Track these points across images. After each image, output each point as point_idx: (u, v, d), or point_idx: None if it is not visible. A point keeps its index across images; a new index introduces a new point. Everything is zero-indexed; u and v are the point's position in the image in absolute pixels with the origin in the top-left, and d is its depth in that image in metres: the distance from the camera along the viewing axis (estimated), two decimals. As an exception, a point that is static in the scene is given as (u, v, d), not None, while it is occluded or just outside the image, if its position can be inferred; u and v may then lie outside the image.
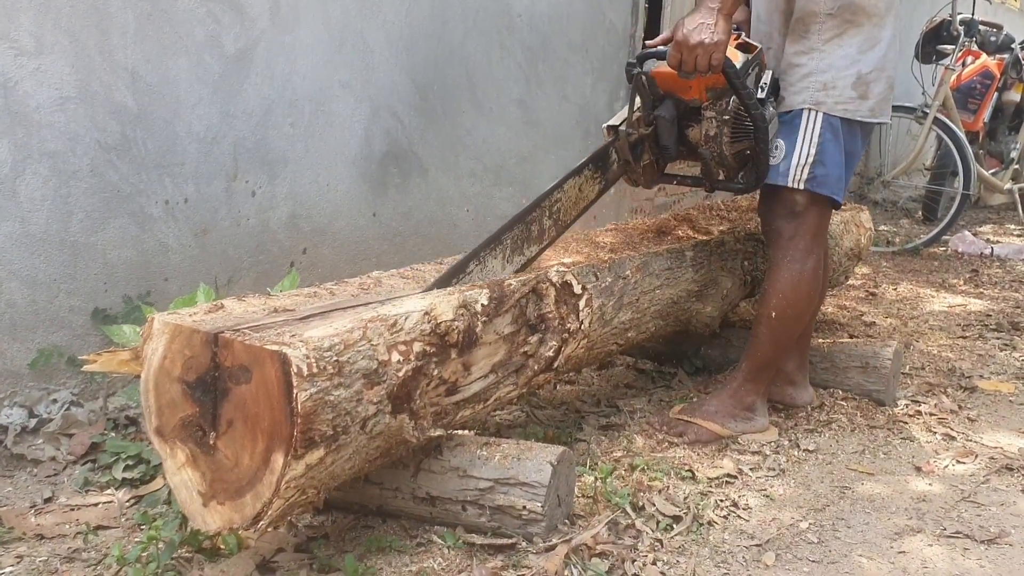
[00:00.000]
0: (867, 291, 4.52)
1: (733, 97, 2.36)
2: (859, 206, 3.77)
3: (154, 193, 2.65)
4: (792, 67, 2.44)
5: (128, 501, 2.18)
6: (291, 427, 1.55)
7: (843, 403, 2.91)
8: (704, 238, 2.91)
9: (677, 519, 2.13)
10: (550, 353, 2.26)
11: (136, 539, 1.96)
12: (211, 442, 1.65)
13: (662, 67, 2.37)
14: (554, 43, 4.14)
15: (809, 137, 2.42)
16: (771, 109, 2.41)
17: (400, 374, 1.77)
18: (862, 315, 4.04)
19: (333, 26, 3.09)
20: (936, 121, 5.60)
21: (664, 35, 2.36)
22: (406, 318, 1.81)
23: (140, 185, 2.61)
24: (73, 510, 2.14)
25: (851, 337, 3.70)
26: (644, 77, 2.39)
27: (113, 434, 2.41)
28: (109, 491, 2.23)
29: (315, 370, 1.58)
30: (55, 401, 2.48)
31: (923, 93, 5.77)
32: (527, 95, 4.02)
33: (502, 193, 3.97)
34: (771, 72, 2.43)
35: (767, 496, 2.31)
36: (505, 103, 3.92)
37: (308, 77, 3.04)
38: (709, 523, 2.15)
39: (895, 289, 4.62)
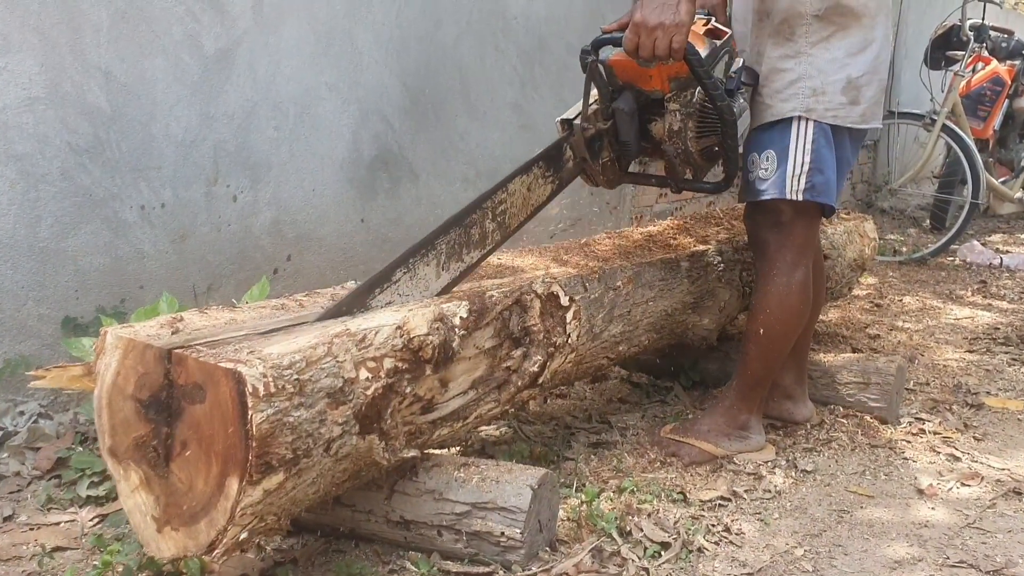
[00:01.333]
0: (872, 302, 4.40)
1: (699, 88, 2.18)
2: (863, 216, 3.66)
3: (129, 198, 2.56)
4: (777, 72, 2.30)
5: (91, 520, 2.08)
6: (246, 451, 1.45)
7: (844, 420, 2.80)
8: (701, 248, 2.81)
9: (665, 545, 2.02)
10: (535, 368, 2.16)
11: (94, 562, 1.86)
12: (165, 465, 1.55)
13: (620, 54, 2.15)
14: (551, 45, 4.04)
15: (802, 144, 2.30)
16: (741, 101, 2.24)
17: (368, 392, 1.67)
18: (866, 327, 3.93)
19: (319, 26, 3.00)
20: (945, 128, 5.48)
21: (623, 18, 2.15)
22: (376, 332, 1.71)
23: (114, 189, 2.52)
24: (32, 529, 2.04)
25: (854, 351, 3.59)
26: (600, 66, 2.19)
27: (81, 448, 2.31)
28: (72, 509, 2.13)
29: (273, 389, 1.47)
30: (22, 413, 2.39)
31: (931, 100, 5.65)
32: (522, 98, 3.93)
33: (497, 199, 3.86)
34: (742, 61, 2.26)
35: (762, 520, 2.20)
36: (500, 107, 3.82)
37: (293, 79, 2.94)
38: (699, 550, 2.04)
39: (901, 300, 4.51)
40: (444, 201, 3.61)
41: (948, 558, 2.07)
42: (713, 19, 2.31)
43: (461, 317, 1.92)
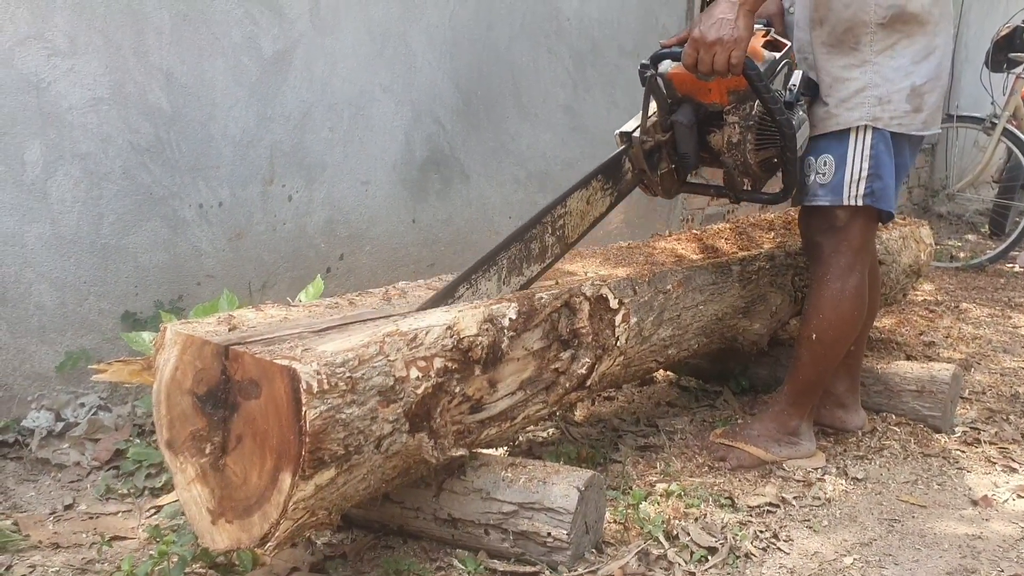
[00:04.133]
0: (928, 308, 4.33)
1: (758, 101, 2.18)
2: (919, 221, 3.60)
3: (188, 196, 2.62)
4: (841, 81, 2.27)
5: (148, 510, 2.14)
6: (299, 446, 1.48)
7: (896, 428, 2.76)
8: (753, 252, 2.79)
9: (712, 550, 2.01)
10: (583, 370, 2.16)
11: (151, 551, 1.91)
12: (220, 458, 1.58)
13: (680, 68, 2.17)
14: (604, 47, 4.04)
15: (861, 150, 2.28)
16: (800, 113, 2.23)
17: (419, 391, 1.69)
18: (922, 334, 3.87)
19: (375, 28, 3.03)
20: (1006, 132, 5.37)
21: (682, 33, 2.18)
22: (427, 332, 1.73)
23: (173, 188, 2.58)
24: (92, 518, 2.10)
25: (908, 358, 3.54)
26: (660, 79, 2.21)
27: (138, 440, 2.37)
28: (129, 500, 2.19)
29: (326, 387, 1.50)
30: (82, 405, 2.45)
31: (992, 103, 5.54)
32: (574, 100, 3.93)
33: (546, 200, 3.85)
34: (801, 73, 2.25)
35: (810, 527, 2.18)
36: (551, 108, 3.83)
37: (348, 80, 2.98)
38: (747, 555, 2.03)
39: (957, 307, 4.43)
40: (494, 202, 3.63)
41: (1003, 571, 2.04)
42: (772, 30, 2.31)
43: (510, 318, 1.94)
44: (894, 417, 2.83)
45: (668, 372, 3.12)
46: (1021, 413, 3.01)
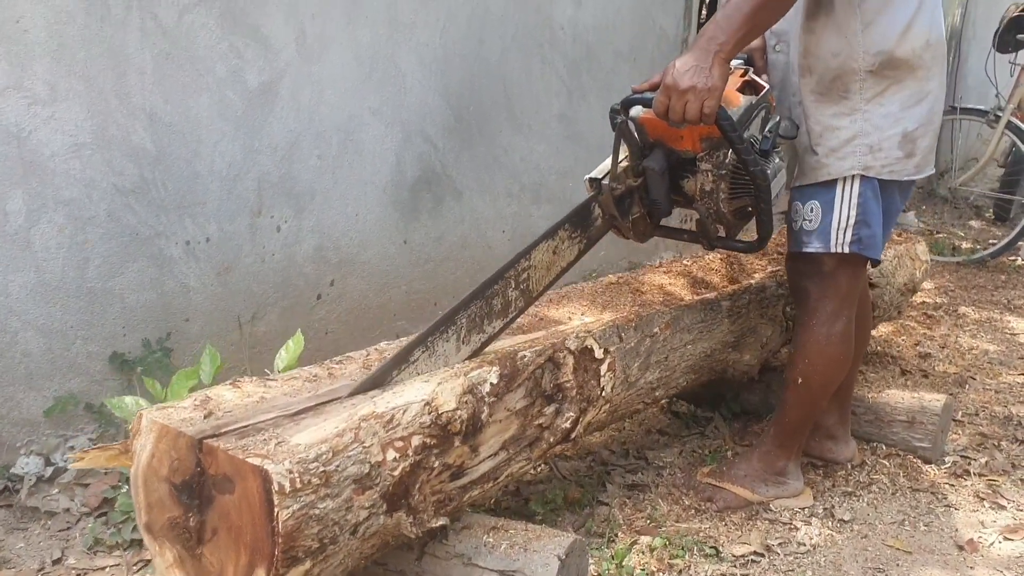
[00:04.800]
0: (926, 314, 4.31)
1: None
2: (915, 237, 3.57)
3: (174, 234, 2.61)
4: (831, 130, 2.23)
5: (136, 564, 2.15)
6: (273, 546, 1.49)
7: (885, 462, 2.76)
8: (743, 284, 2.77)
9: (694, 611, 2.03)
10: (567, 424, 2.16)
11: (136, 615, 1.93)
12: (197, 547, 1.59)
13: (651, 113, 2.10)
14: (599, 53, 3.99)
15: (848, 197, 2.25)
16: (777, 161, 2.17)
17: (396, 473, 1.69)
18: (917, 344, 3.85)
19: (362, 53, 3.00)
20: (1010, 125, 5.29)
21: (654, 78, 2.10)
22: (404, 411, 1.73)
23: (159, 227, 2.57)
24: (79, 575, 2.12)
25: (903, 372, 3.54)
26: (631, 122, 2.14)
27: (126, 487, 2.38)
28: (117, 553, 2.21)
29: (298, 485, 1.50)
30: (72, 448, 2.47)
31: (996, 95, 5.46)
32: (569, 109, 3.89)
33: (541, 211, 3.86)
34: (779, 119, 2.19)
35: (793, 580, 2.19)
36: (545, 119, 3.79)
37: (336, 107, 2.95)
38: (728, 614, 2.04)
39: (955, 311, 4.40)
40: (488, 217, 3.61)
41: (983, 629, 2.05)
42: (751, 70, 2.25)
43: (491, 383, 1.93)
44: (884, 448, 2.83)
45: (660, 396, 3.12)
46: (1012, 438, 3.01)
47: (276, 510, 1.48)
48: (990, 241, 5.72)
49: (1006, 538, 2.43)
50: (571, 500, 2.46)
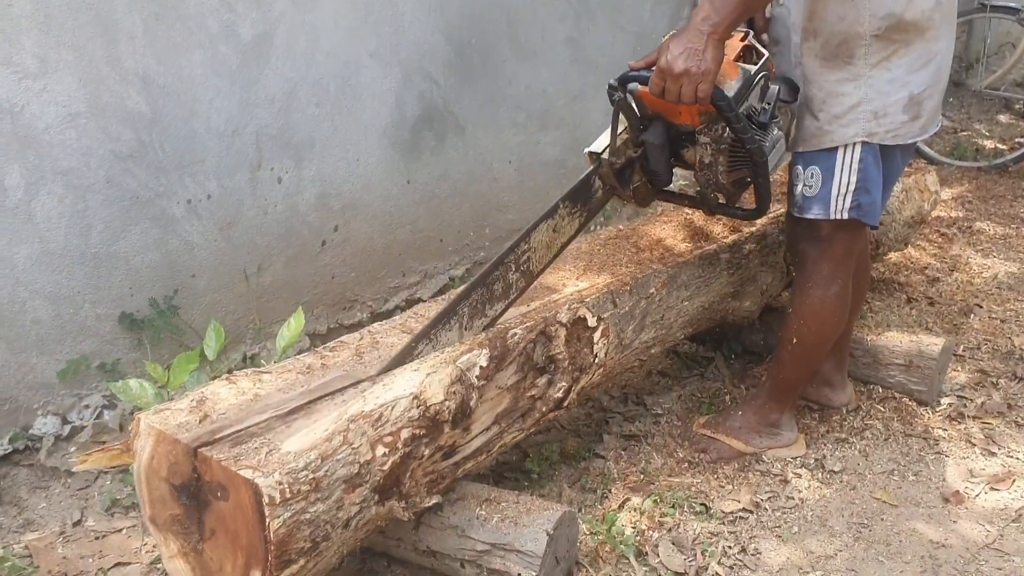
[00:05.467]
0: (939, 231, 4.26)
1: None
2: (926, 167, 3.51)
3: (175, 194, 2.63)
4: (834, 96, 2.18)
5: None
6: (266, 552, 1.57)
7: (880, 406, 2.80)
8: (744, 232, 2.76)
9: (679, 575, 2.12)
10: (559, 394, 2.21)
11: (152, 580, 2.06)
12: (198, 543, 1.68)
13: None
14: (608, -29, 3.86)
15: (849, 163, 2.21)
16: (776, 132, 2.16)
17: (386, 467, 1.76)
18: (926, 268, 3.84)
19: (358, -4, 2.93)
20: (1041, 23, 5.09)
21: (650, 56, 2.08)
22: (392, 407, 1.79)
23: (160, 189, 2.59)
24: (98, 538, 2.24)
25: (909, 300, 3.54)
26: (630, 95, 2.13)
27: (140, 446, 2.48)
28: (133, 514, 2.32)
29: (288, 495, 1.58)
30: (87, 407, 2.56)
31: (1027, -8, 5.23)
32: (576, 31, 3.79)
33: (548, 138, 3.82)
34: (778, 88, 2.15)
35: (779, 537, 2.27)
36: (552, 44, 3.71)
37: (332, 53, 2.91)
38: (713, 576, 2.14)
39: (970, 227, 4.35)
40: (492, 149, 3.59)
41: (959, 588, 2.13)
42: (750, 34, 2.19)
43: (481, 367, 1.97)
44: (880, 391, 2.87)
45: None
46: (1012, 375, 3.03)
47: (267, 520, 1.55)
48: (1017, 140, 5.59)
49: (992, 488, 2.49)
50: (567, 454, 2.54)
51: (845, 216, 2.26)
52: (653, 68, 2.00)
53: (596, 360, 2.30)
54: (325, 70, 2.90)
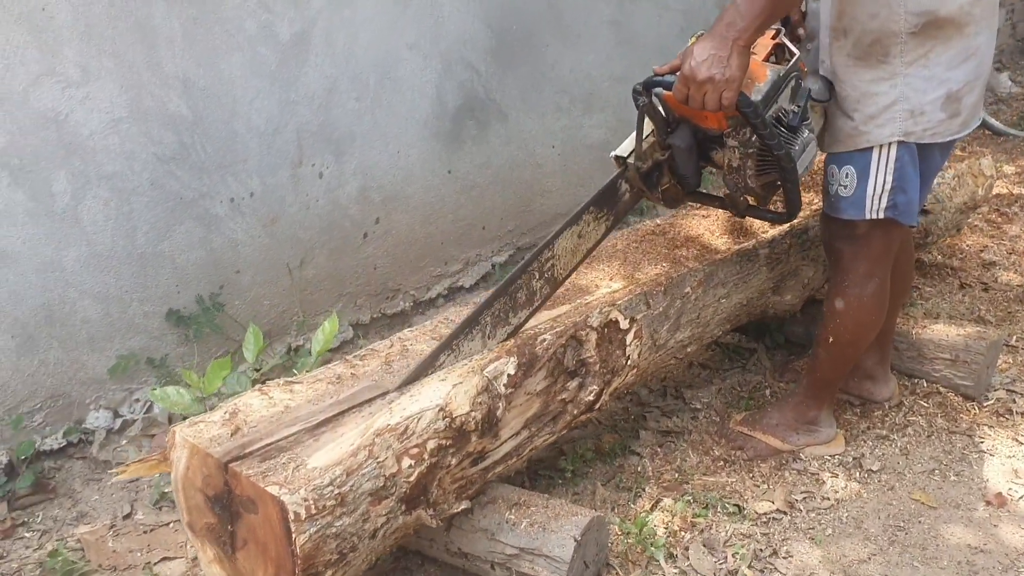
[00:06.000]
0: (998, 210, 4.14)
1: None
2: (981, 151, 3.40)
3: (218, 194, 2.68)
4: (869, 96, 2.12)
5: (197, 519, 2.35)
6: (293, 565, 1.63)
7: (924, 402, 2.76)
8: (784, 228, 2.72)
9: (708, 579, 2.13)
10: (591, 398, 2.23)
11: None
12: (232, 551, 1.74)
13: None
14: (653, -49, 3.79)
15: (885, 163, 2.16)
16: (806, 134, 2.12)
17: (412, 478, 1.80)
18: (983, 250, 3.74)
19: (396, -12, 2.93)
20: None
21: (674, 61, 2.06)
22: (418, 419, 1.82)
23: (203, 189, 2.65)
24: (147, 532, 2.33)
25: (962, 286, 3.46)
26: (656, 98, 2.10)
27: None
28: (180, 508, 2.40)
29: (314, 511, 1.62)
30: (137, 400, 2.65)
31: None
32: (620, 13, 3.74)
33: (593, 121, 3.79)
34: (810, 89, 2.10)
35: (812, 539, 2.27)
36: (595, 26, 3.66)
37: (371, 47, 2.92)
38: (742, 580, 2.14)
39: (1031, 206, 4.21)
40: (535, 134, 3.58)
41: (995, 597, 2.11)
42: (782, 32, 2.15)
43: (509, 375, 1.99)
44: (925, 385, 2.83)
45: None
46: (1066, 367, 2.96)
47: (294, 535, 1.60)
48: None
49: (1037, 490, 2.44)
50: (603, 451, 2.56)
51: (881, 216, 2.21)
52: (677, 73, 1.98)
53: (629, 362, 2.30)
54: (364, 64, 2.92)
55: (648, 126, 2.18)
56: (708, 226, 2.72)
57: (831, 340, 2.40)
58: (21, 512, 2.38)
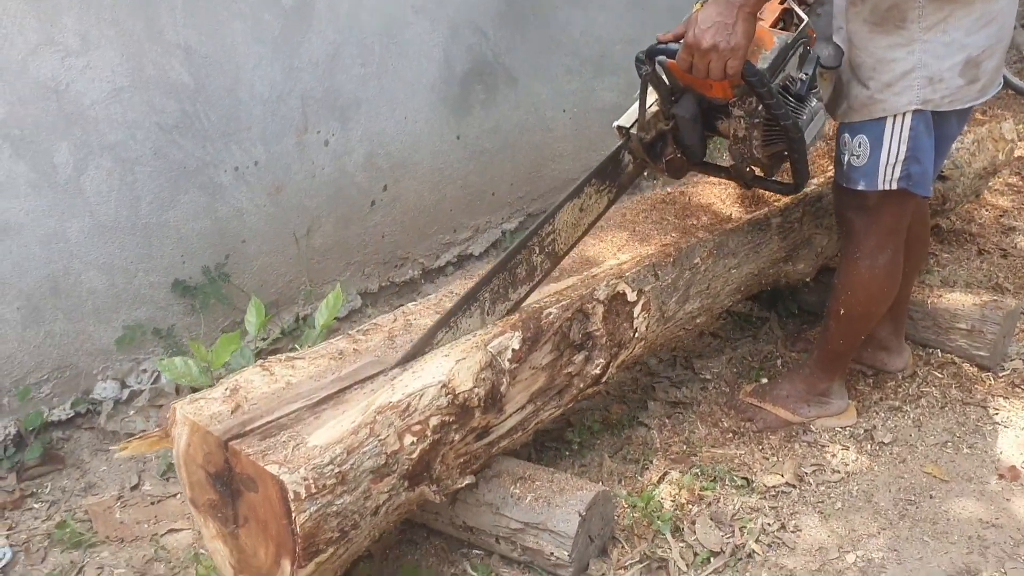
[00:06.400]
0: (1019, 174, 4.06)
1: None
2: (1002, 114, 3.32)
3: (222, 163, 2.65)
4: (885, 63, 2.06)
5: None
6: (293, 543, 1.62)
7: (939, 372, 2.72)
8: (797, 196, 2.66)
9: (716, 553, 2.11)
10: (597, 371, 2.20)
11: (200, 549, 2.14)
12: (234, 528, 1.74)
13: None
14: (667, -92, 3.70)
15: (899, 132, 2.10)
16: (814, 103, 2.06)
17: (415, 455, 1.79)
18: (1002, 215, 3.67)
19: (402, -49, 2.87)
20: None
21: (678, 28, 1.99)
22: (420, 396, 1.80)
23: (207, 158, 2.62)
24: (154, 503, 2.34)
25: (980, 252, 3.40)
26: (660, 67, 2.04)
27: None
28: (187, 479, 2.41)
29: (314, 490, 1.61)
30: (144, 371, 2.65)
31: None
32: (634, -27, 3.66)
33: (605, 84, 3.73)
34: (818, 56, 2.04)
35: (821, 513, 2.24)
36: (608, -13, 3.59)
37: (377, 11, 2.87)
38: (749, 555, 2.12)
39: (1054, 169, 4.13)
40: (546, 98, 3.52)
41: (1005, 573, 2.08)
42: None
43: (513, 350, 1.97)
44: (940, 355, 2.78)
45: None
46: (1086, 337, 2.91)
47: (294, 515, 1.59)
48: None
49: (1052, 463, 2.41)
50: (610, 422, 2.54)
51: (893, 186, 2.16)
52: (681, 41, 1.92)
53: (636, 334, 2.27)
54: (369, 29, 2.87)
55: (652, 95, 2.13)
56: (719, 194, 2.67)
57: (842, 312, 2.36)
58: (30, 483, 2.39)
